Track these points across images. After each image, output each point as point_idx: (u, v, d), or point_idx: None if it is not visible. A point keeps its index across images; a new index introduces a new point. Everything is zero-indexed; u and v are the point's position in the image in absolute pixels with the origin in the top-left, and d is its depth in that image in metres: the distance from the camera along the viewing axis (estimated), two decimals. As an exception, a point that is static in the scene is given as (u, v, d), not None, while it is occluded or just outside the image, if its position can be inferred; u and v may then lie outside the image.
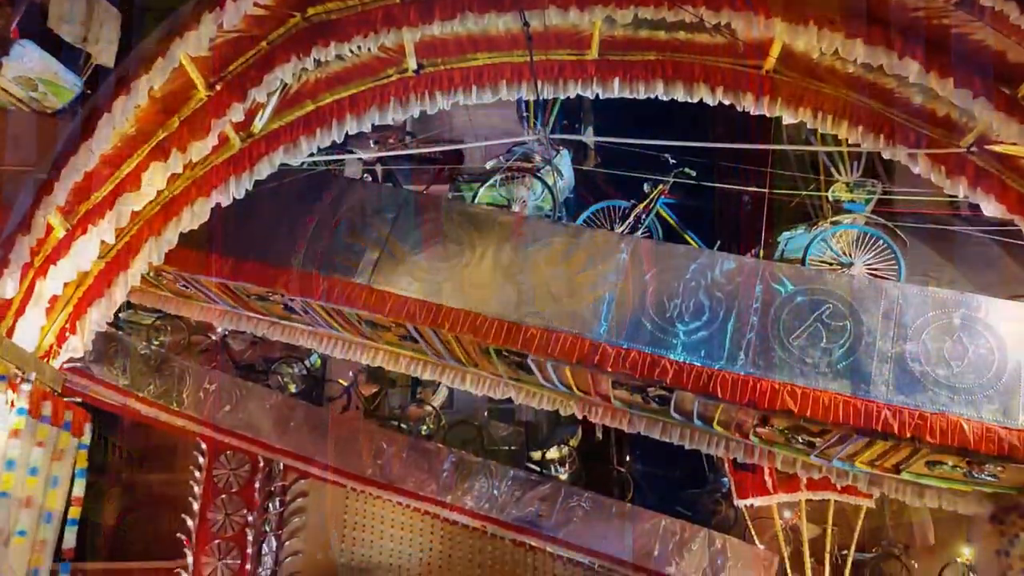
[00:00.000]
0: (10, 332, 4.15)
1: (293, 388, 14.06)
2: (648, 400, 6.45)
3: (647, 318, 5.83)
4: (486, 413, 15.03)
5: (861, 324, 5.52)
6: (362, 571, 13.88)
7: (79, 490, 4.54)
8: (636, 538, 12.27)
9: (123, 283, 4.86)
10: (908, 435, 5.19)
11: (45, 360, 4.50)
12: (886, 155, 5.88)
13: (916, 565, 12.32)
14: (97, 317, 4.74)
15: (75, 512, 4.48)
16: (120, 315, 14.04)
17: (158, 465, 15.72)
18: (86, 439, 4.65)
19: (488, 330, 5.95)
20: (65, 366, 5.83)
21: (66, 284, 4.49)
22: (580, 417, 7.31)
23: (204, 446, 13.85)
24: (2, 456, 4.03)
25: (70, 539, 4.37)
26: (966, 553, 12.50)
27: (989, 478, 5.80)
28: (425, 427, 13.91)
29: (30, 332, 4.36)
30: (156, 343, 13.84)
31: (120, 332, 13.56)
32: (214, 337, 14.71)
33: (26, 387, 4.18)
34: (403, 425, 13.80)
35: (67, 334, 4.57)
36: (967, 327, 5.38)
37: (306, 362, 14.38)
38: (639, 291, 5.89)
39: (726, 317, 5.70)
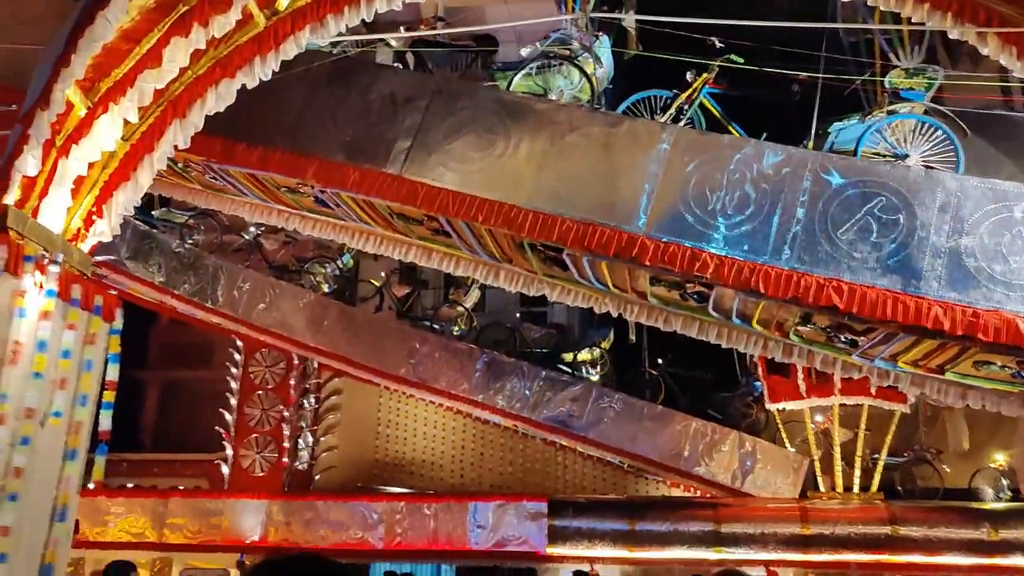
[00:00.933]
0: (35, 212, 4.04)
1: (326, 288, 14.07)
2: (686, 297, 6.26)
3: (688, 211, 5.59)
4: (518, 315, 15.00)
5: (915, 218, 5.23)
6: (396, 467, 14.15)
7: (113, 375, 4.51)
8: (666, 439, 12.31)
9: (149, 166, 4.70)
10: (959, 333, 4.97)
11: (73, 244, 4.40)
12: (952, 35, 5.46)
13: (948, 470, 12.26)
14: (124, 201, 4.61)
15: (109, 396, 4.47)
16: (154, 213, 14.05)
17: (196, 362, 16.04)
18: (118, 324, 4.59)
19: (523, 222, 5.75)
20: (100, 259, 5.77)
21: (90, 165, 4.35)
22: (615, 315, 7.16)
23: (240, 344, 14.04)
24: (33, 337, 3.98)
25: (105, 423, 4.37)
26: (1000, 459, 12.42)
27: (1040, 379, 5.60)
28: (457, 328, 13.92)
29: (56, 213, 4.25)
30: (190, 241, 13.87)
31: (154, 230, 13.59)
32: (247, 237, 14.71)
33: (54, 268, 4.09)
34: (435, 326, 13.83)
35: (94, 218, 4.46)
36: (1030, 219, 5.08)
37: (338, 262, 14.36)
38: (680, 183, 5.63)
39: (771, 210, 5.44)
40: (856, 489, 11.90)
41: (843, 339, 5.89)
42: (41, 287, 4.07)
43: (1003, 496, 11.96)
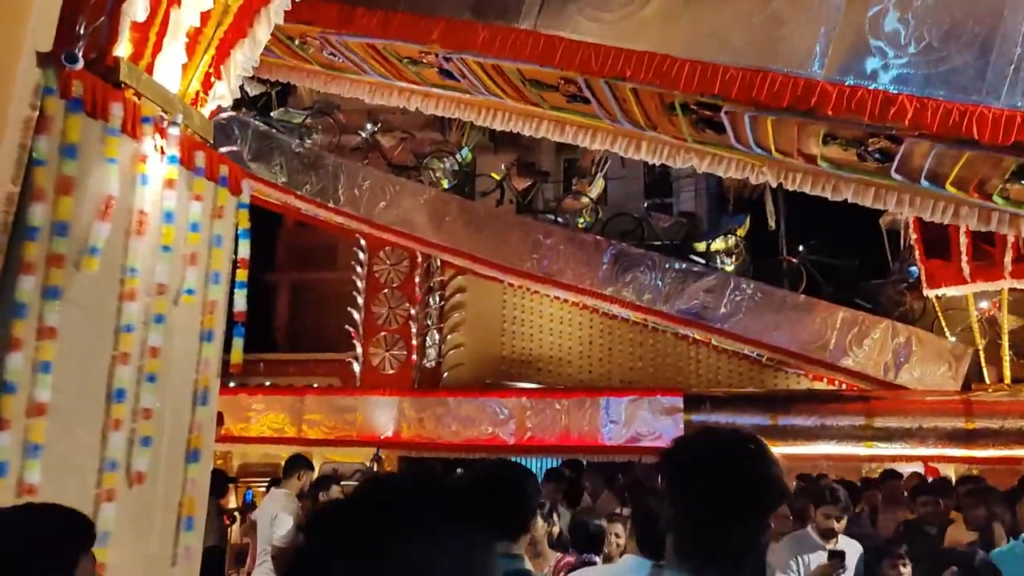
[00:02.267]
0: (150, 69, 3.61)
1: (445, 184, 13.65)
2: (865, 157, 5.38)
3: (876, 48, 4.67)
4: (644, 206, 14.20)
5: None
6: (523, 363, 13.88)
7: (244, 251, 4.12)
8: (809, 330, 11.48)
9: (265, 20, 4.19)
10: None
11: (193, 107, 3.98)
12: None
13: None
14: (242, 60, 4.14)
15: (242, 275, 4.09)
16: (272, 114, 13.85)
17: (323, 263, 16.07)
18: (245, 198, 4.18)
19: (678, 75, 4.98)
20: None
21: (203, 18, 3.87)
22: (775, 184, 6.33)
23: (363, 243, 13.87)
24: (159, 208, 3.60)
25: (240, 302, 4.00)
26: None
27: None
28: (582, 220, 13.28)
29: (171, 72, 3.81)
30: (309, 141, 13.64)
31: (274, 131, 13.41)
32: (364, 135, 14.37)
33: (174, 132, 3.67)
34: (559, 219, 13.24)
35: (212, 79, 4.01)
36: None
37: (457, 156, 13.87)
38: (865, 14, 4.70)
39: (986, 41, 4.47)
40: (1027, 381, 10.85)
41: (1065, 196, 4.94)
42: (163, 152, 3.66)
43: None
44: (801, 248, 12.57)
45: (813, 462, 10.89)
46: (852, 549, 3.86)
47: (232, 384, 12.85)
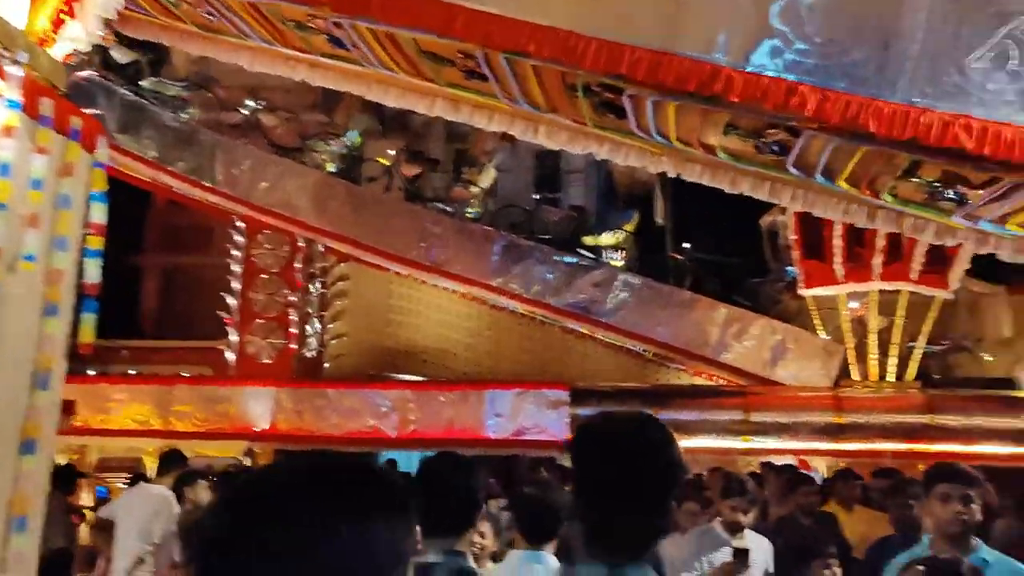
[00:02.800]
0: (-14, -2, 3.08)
1: (331, 167, 13.08)
2: (763, 149, 5.34)
3: (781, 38, 4.60)
4: (535, 196, 14.07)
5: (1064, 41, 4.29)
6: (408, 355, 13.49)
7: (99, 216, 3.60)
8: (692, 326, 11.63)
9: (132, -44, 3.71)
10: (1115, 176, 4.12)
11: (41, 47, 3.44)
12: None
13: (989, 358, 11.63)
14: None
15: (96, 242, 3.56)
16: (142, 83, 12.89)
17: (196, 246, 15.13)
18: (101, 155, 3.66)
19: (583, 52, 4.75)
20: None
21: (57, -54, 3.36)
22: (673, 175, 6.24)
23: (241, 226, 13.09)
24: (-8, 159, 3.06)
25: (93, 273, 3.48)
26: (1042, 347, 11.78)
27: None
28: (471, 209, 13.02)
29: (15, 3, 3.27)
30: (184, 115, 12.77)
31: (145, 102, 12.48)
32: (244, 113, 13.59)
33: (15, 71, 3.14)
34: (448, 208, 12.92)
35: (64, 17, 3.49)
36: None
37: (344, 139, 13.33)
38: (771, 3, 4.61)
39: (886, 35, 4.46)
40: (891, 378, 11.33)
41: (950, 195, 5.01)
42: (0, 95, 3.13)
43: (1042, 385, 11.39)
44: (687, 246, 12.74)
45: (693, 455, 11.03)
46: (759, 545, 3.74)
47: (91, 372, 11.89)
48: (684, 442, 10.53)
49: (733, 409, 10.94)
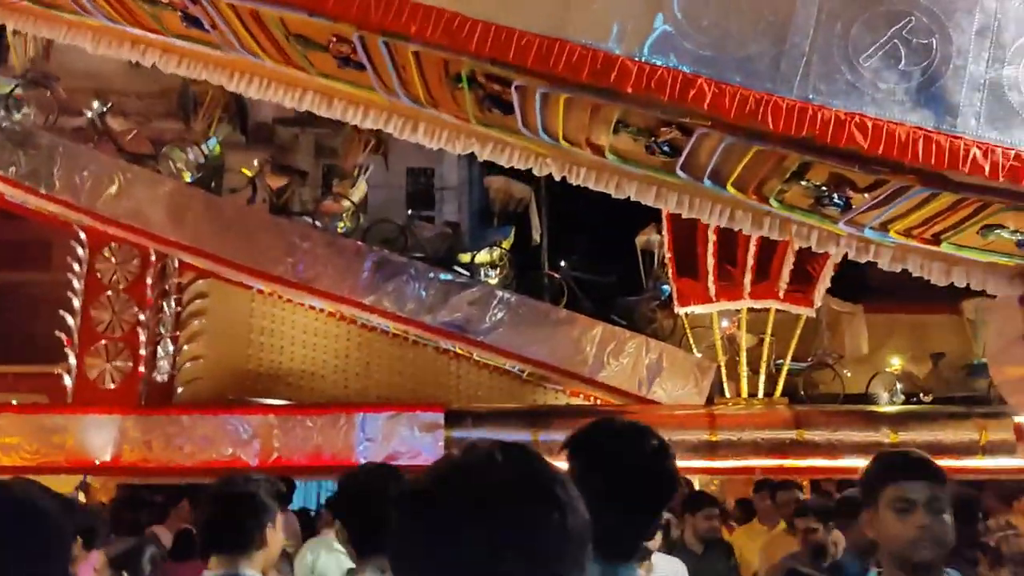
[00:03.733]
0: None
1: (188, 176, 12.13)
2: (654, 149, 5.13)
3: (677, 29, 4.40)
4: (408, 212, 13.58)
5: (949, 43, 4.27)
6: (272, 378, 12.60)
7: None
8: (568, 344, 11.44)
9: None
10: (1000, 178, 4.10)
11: None
12: None
13: (849, 375, 12.04)
14: None
15: None
16: (-29, 81, 11.58)
17: (31, 261, 13.66)
18: None
19: (469, 36, 4.38)
20: None
21: None
22: (559, 177, 5.95)
23: (83, 237, 11.89)
24: None
25: None
26: (895, 363, 12.32)
27: (1050, 246, 4.88)
28: (342, 224, 12.38)
29: None
30: (18, 115, 11.55)
31: (-28, 100, 11.20)
32: (89, 115, 12.45)
33: None
34: (316, 222, 12.24)
35: None
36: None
37: (203, 147, 12.41)
38: (665, -3, 4.42)
39: (781, 31, 4.34)
40: (760, 395, 11.53)
41: (837, 200, 4.95)
42: None
43: (896, 400, 11.90)
44: (563, 263, 12.59)
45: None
46: (670, 569, 3.41)
47: None
48: (563, 463, 10.38)
49: (610, 428, 10.76)
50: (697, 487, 11.07)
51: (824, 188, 4.98)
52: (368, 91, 5.68)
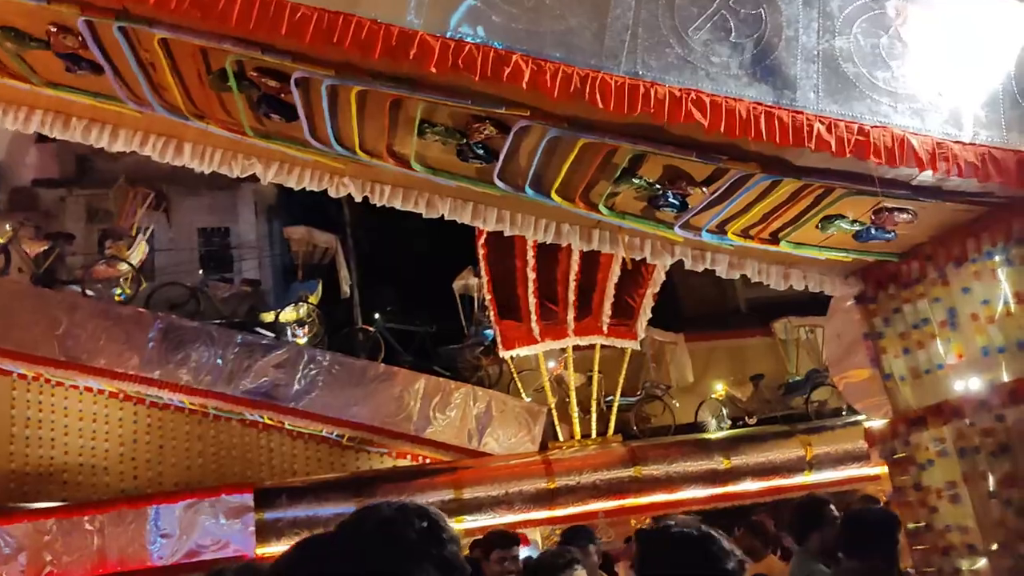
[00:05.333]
0: None
1: (-80, 247, 10.09)
2: (467, 154, 4.35)
3: (487, 1, 3.68)
4: (200, 272, 12.04)
5: (778, 13, 3.84)
6: (42, 477, 10.56)
7: None
8: (391, 401, 10.38)
9: None
10: (847, 154, 3.66)
11: None
12: None
13: (678, 405, 11.78)
14: None
15: None
16: None
17: None
18: None
19: (227, 9, 3.43)
20: None
21: None
22: (359, 198, 5.03)
23: None
24: None
25: None
26: (719, 389, 12.23)
27: (886, 236, 4.54)
28: (119, 291, 10.71)
29: None
30: None
31: None
32: None
33: None
34: (87, 290, 10.51)
35: None
36: (905, 18, 3.92)
37: (-60, 213, 10.41)
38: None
39: (600, 1, 3.73)
40: (594, 434, 11.00)
41: (672, 199, 4.38)
42: None
43: (723, 425, 11.76)
44: (377, 316, 11.56)
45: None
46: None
47: None
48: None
49: (444, 488, 9.82)
50: (539, 539, 10.34)
51: (658, 186, 4.39)
52: (113, 103, 4.52)
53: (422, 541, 1.37)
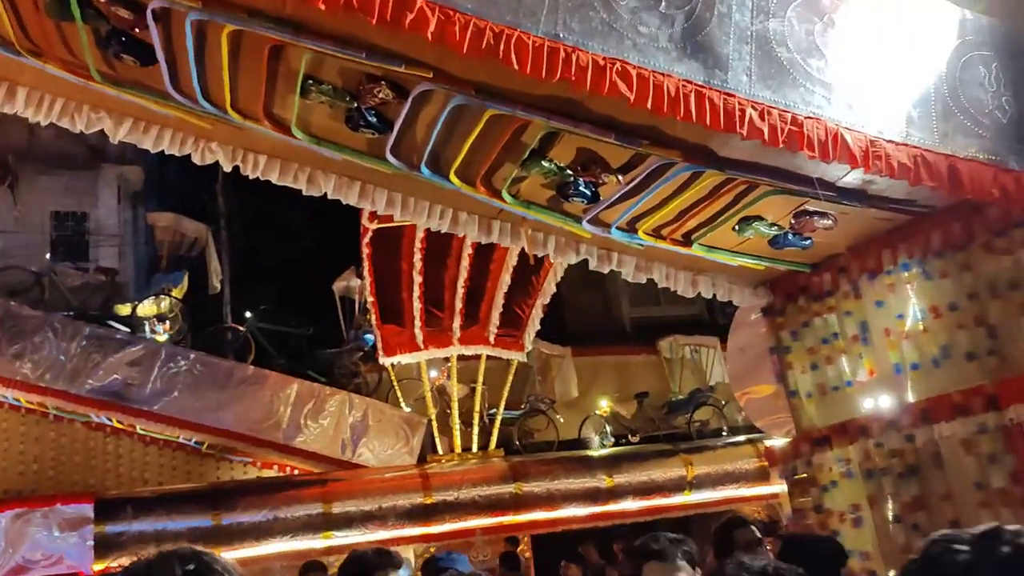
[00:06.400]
0: None
1: None
2: (357, 121, 3.76)
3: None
4: (47, 255, 10.77)
5: (711, -13, 3.48)
6: None
7: None
8: (259, 407, 9.51)
9: None
10: (780, 143, 3.31)
11: None
12: None
13: (562, 420, 11.40)
14: None
15: None
16: None
17: None
18: None
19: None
20: None
21: None
22: (228, 168, 4.32)
23: None
24: None
25: None
26: (604, 405, 11.95)
27: (803, 243, 4.24)
28: (-54, 273, 9.40)
29: None
30: None
31: None
32: None
33: None
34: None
35: None
36: (838, 5, 3.62)
37: None
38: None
39: (517, -48, 3.25)
40: (475, 448, 10.48)
41: (583, 188, 3.93)
42: None
43: (606, 442, 11.48)
44: (249, 315, 10.65)
45: (264, 565, 8.78)
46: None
47: None
48: (255, 549, 8.34)
49: (311, 502, 9.06)
50: (412, 558, 9.72)
51: (569, 172, 3.93)
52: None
53: None
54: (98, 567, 8.09)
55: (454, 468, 10.01)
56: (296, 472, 9.89)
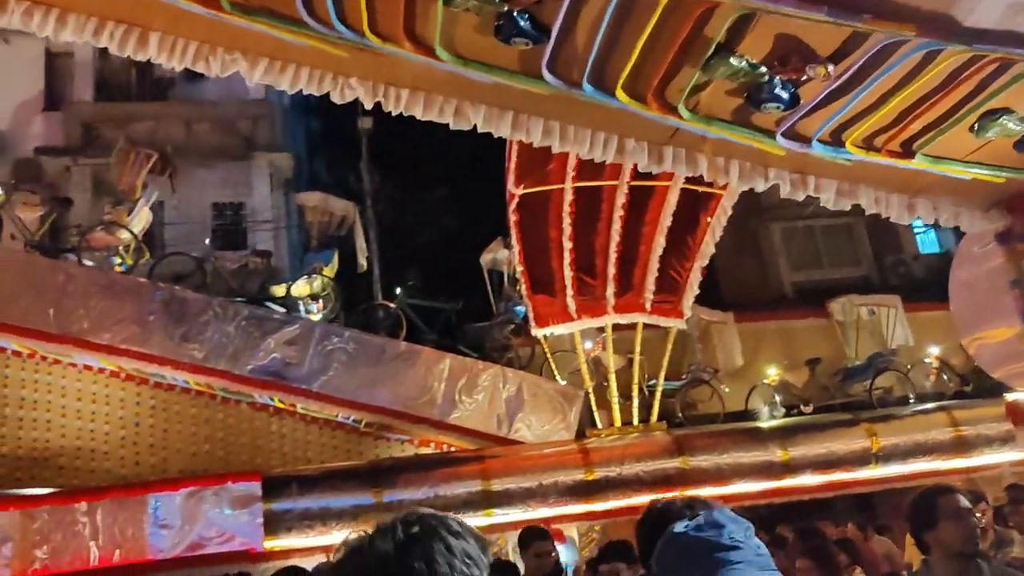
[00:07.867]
0: None
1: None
2: (510, 30, 3.21)
3: None
4: (207, 241, 11.00)
5: None
6: (37, 462, 9.57)
7: None
8: (413, 383, 9.25)
9: None
10: None
11: None
12: None
13: (727, 390, 10.56)
14: None
15: None
16: None
17: None
18: None
19: None
20: None
21: None
22: (369, 104, 3.89)
23: None
24: None
25: None
26: (772, 374, 11.01)
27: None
28: (120, 259, 9.70)
29: None
30: None
31: None
32: None
33: None
34: (85, 259, 9.52)
35: None
36: None
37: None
38: None
39: None
40: (635, 421, 9.80)
41: (780, 89, 3.21)
42: None
43: (777, 413, 10.54)
44: (399, 290, 10.46)
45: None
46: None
47: None
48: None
49: (470, 479, 8.70)
50: (576, 536, 9.24)
51: (763, 70, 3.20)
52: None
53: None
54: (268, 544, 8.06)
55: (615, 443, 9.39)
56: (453, 449, 9.59)
